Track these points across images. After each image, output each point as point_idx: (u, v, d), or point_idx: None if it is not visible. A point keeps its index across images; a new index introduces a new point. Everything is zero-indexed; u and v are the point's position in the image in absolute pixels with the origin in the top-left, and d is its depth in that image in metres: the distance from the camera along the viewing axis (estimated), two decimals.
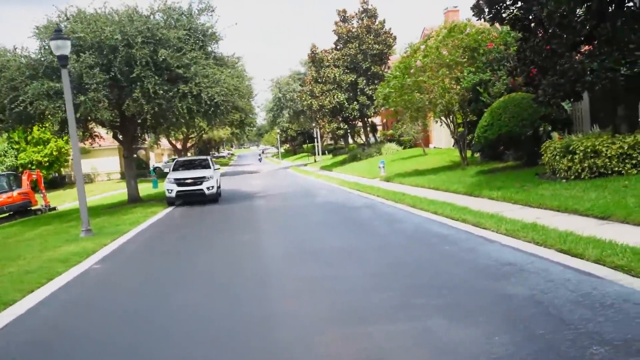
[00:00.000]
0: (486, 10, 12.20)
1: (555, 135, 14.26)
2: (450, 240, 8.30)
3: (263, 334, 4.93)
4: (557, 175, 11.95)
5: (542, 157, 12.84)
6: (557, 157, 11.85)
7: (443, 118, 20.15)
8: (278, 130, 78.40)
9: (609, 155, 10.66)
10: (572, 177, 11.32)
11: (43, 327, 5.83)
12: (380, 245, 8.66)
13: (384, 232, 9.96)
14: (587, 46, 11.73)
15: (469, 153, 20.81)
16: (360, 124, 46.44)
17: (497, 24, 13.62)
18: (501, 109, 14.80)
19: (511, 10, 12.19)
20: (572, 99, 13.16)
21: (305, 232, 11.05)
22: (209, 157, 22.63)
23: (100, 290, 7.58)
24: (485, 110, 16.06)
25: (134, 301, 6.62)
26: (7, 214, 25.26)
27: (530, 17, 11.79)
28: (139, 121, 20.78)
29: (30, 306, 6.58)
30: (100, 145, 30.63)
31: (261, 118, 79.84)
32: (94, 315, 6.16)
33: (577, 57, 11.19)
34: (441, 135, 31.43)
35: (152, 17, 18.79)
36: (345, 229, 10.81)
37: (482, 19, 12.69)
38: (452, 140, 23.08)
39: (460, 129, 20.41)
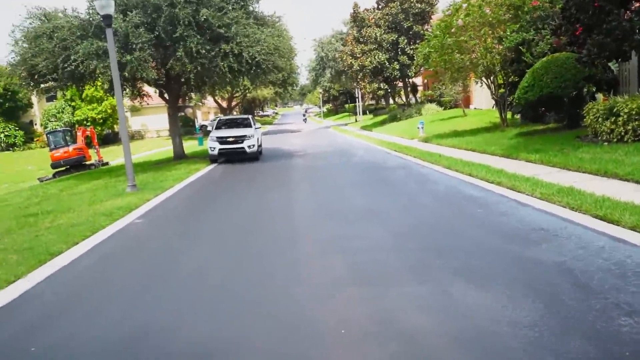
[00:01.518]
0: None
1: (599, 96, 13.49)
2: (481, 203, 8.01)
3: (281, 291, 4.89)
4: (599, 138, 11.33)
5: (584, 119, 12.18)
6: (600, 119, 11.21)
7: (484, 79, 19.35)
8: (320, 90, 77.70)
9: None
10: (615, 140, 10.71)
11: (83, 277, 5.97)
12: (410, 206, 8.45)
13: (415, 193, 9.71)
14: (637, 3, 10.86)
15: (509, 114, 20.04)
16: (400, 84, 45.43)
17: None
18: (543, 69, 14.02)
19: None
20: (619, 59, 12.32)
21: (337, 192, 10.91)
22: (250, 116, 22.58)
23: (138, 243, 7.70)
24: (528, 70, 15.28)
25: (169, 255, 6.70)
26: (63, 168, 26.12)
27: None
28: (183, 80, 20.87)
29: (74, 257, 6.75)
30: (148, 104, 31.06)
31: (304, 77, 79.26)
32: (131, 268, 6.27)
33: (626, 15, 10.39)
34: (482, 96, 30.37)
35: None
36: (378, 190, 10.61)
37: None
38: (493, 102, 22.23)
39: (501, 90, 19.59)
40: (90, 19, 17.71)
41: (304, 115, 70.86)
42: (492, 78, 19.25)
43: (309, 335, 3.89)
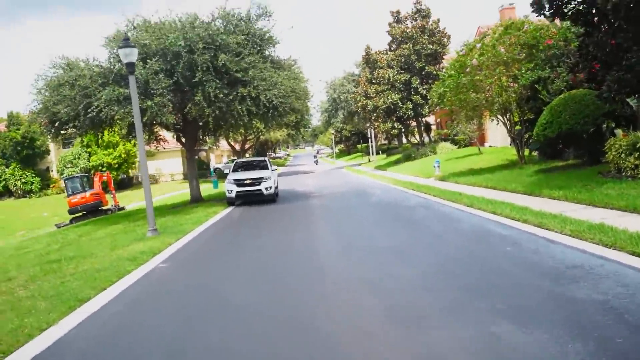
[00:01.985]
0: (547, 5, 11.67)
1: (619, 132, 13.49)
2: (510, 241, 7.93)
3: (304, 335, 4.83)
4: (623, 173, 11.28)
5: (606, 155, 12.13)
6: (623, 154, 11.18)
7: (500, 116, 19.48)
8: (332, 131, 78.48)
9: None
10: (639, 176, 10.65)
11: (115, 323, 5.94)
12: (436, 245, 8.41)
13: (439, 232, 9.66)
14: None
15: (526, 152, 20.04)
16: (414, 123, 45.74)
17: (557, 20, 13.00)
18: (561, 106, 14.12)
19: (573, 5, 11.60)
20: (637, 95, 12.39)
21: (358, 232, 10.89)
22: (266, 158, 22.80)
23: (166, 287, 7.68)
24: (544, 108, 15.37)
25: (198, 298, 6.67)
26: (80, 214, 26.38)
27: (594, 10, 11.16)
28: (201, 124, 21.24)
29: (103, 303, 6.73)
30: (164, 148, 31.51)
31: (316, 119, 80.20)
32: (162, 312, 6.24)
33: None
34: (496, 133, 30.49)
35: (212, 23, 19.12)
36: (400, 229, 10.58)
37: (542, 15, 12.14)
38: (508, 139, 22.30)
39: (518, 127, 19.67)
40: (112, 66, 18.23)
41: (315, 156, 70.05)
42: (508, 116, 19.37)
43: None
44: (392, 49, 40.91)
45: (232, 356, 4.51)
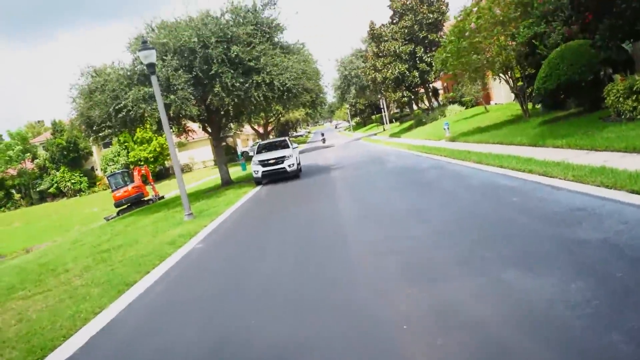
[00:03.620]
0: None
1: (617, 77, 13.03)
2: (517, 192, 7.83)
3: (334, 294, 4.89)
4: (622, 116, 10.95)
5: (605, 101, 11.77)
6: (621, 98, 10.83)
7: (502, 75, 19.01)
8: (347, 106, 77.84)
9: None
10: (638, 117, 10.32)
11: (158, 302, 6.11)
12: (447, 203, 8.34)
13: (451, 190, 9.58)
14: None
15: (530, 105, 19.59)
16: (422, 90, 45.06)
17: None
18: (558, 58, 13.69)
19: None
20: (632, 39, 11.92)
21: (378, 197, 10.87)
22: (287, 138, 22.78)
23: (202, 265, 7.84)
24: (543, 62, 14.94)
25: (234, 271, 6.79)
26: (125, 206, 26.89)
27: None
28: (222, 112, 21.30)
29: (148, 285, 6.92)
30: (194, 138, 31.75)
31: (331, 96, 79.53)
32: (199, 287, 6.38)
33: None
34: (501, 91, 29.83)
35: (222, 18, 19.00)
36: (415, 190, 10.53)
37: None
38: (512, 95, 21.78)
39: (520, 83, 19.19)
40: (135, 68, 18.33)
41: (322, 135, 55.41)
42: (509, 73, 18.90)
43: (376, 330, 3.88)
44: (395, 21, 40.12)
45: (269, 317, 4.61)
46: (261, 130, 52.36)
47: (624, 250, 4.32)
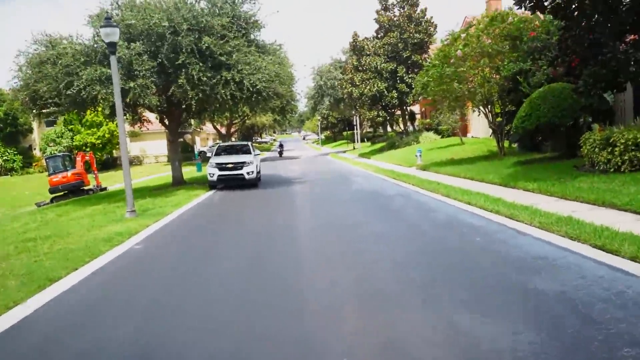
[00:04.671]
0: None
1: (596, 126, 13.62)
2: (481, 231, 8.04)
3: (274, 312, 4.87)
4: (596, 167, 11.44)
5: (581, 149, 12.30)
6: (597, 149, 11.33)
7: (482, 107, 19.59)
8: (319, 117, 78.26)
9: None
10: (612, 170, 10.81)
11: (82, 303, 5.91)
12: (409, 235, 8.48)
13: (414, 221, 9.75)
14: (632, 35, 11.09)
15: (506, 143, 20.21)
16: (399, 112, 45.79)
17: (538, 13, 13.04)
18: (540, 99, 14.23)
19: None
20: (614, 90, 12.52)
21: (336, 219, 10.92)
22: (249, 143, 22.72)
23: (139, 268, 7.67)
24: (525, 100, 15.49)
25: (170, 279, 6.66)
26: (61, 193, 26.08)
27: (573, 5, 11.21)
28: (184, 106, 21.04)
29: (73, 283, 6.70)
30: (148, 129, 31.20)
31: (302, 105, 79.84)
32: (130, 293, 6.22)
33: (621, 47, 10.60)
34: (479, 124, 30.65)
35: (197, 4, 18.88)
36: (377, 217, 10.64)
37: (523, 8, 12.15)
38: (490, 130, 22.44)
39: (499, 119, 19.81)
40: (95, 45, 17.93)
41: (281, 146, 53.81)
42: (489, 107, 19.49)
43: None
44: (379, 36, 40.78)
45: (203, 330, 4.53)
46: (224, 130, 51.94)
47: (579, 307, 4.47)
